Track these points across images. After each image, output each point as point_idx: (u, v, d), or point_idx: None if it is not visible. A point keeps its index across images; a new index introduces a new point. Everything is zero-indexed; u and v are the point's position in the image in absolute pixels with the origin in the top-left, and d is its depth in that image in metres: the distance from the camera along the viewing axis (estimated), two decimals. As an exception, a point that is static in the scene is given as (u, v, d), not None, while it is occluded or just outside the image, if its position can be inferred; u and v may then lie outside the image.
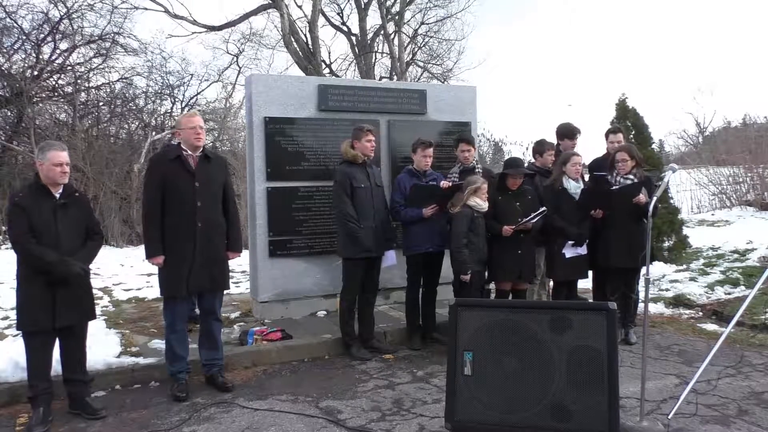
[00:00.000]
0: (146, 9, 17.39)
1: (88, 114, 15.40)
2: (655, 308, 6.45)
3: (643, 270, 3.86)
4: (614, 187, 5.23)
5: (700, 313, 6.36)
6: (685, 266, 8.16)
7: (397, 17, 20.11)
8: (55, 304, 3.75)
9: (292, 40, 17.66)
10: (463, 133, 5.90)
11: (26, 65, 14.50)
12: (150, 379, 4.58)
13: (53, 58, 15.04)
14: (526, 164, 5.87)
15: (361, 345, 5.20)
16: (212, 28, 19.52)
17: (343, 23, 21.30)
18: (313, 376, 4.71)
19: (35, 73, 14.41)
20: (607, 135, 6.01)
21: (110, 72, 15.85)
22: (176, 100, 17.77)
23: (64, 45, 15.09)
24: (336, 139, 5.97)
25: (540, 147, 5.98)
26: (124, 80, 16.09)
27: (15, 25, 14.10)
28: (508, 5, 54.20)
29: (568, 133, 6.09)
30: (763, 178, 13.67)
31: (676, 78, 68.37)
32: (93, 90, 15.76)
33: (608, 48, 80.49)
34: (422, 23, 21.85)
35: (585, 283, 5.80)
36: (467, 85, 15.21)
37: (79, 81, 15.16)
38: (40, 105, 14.70)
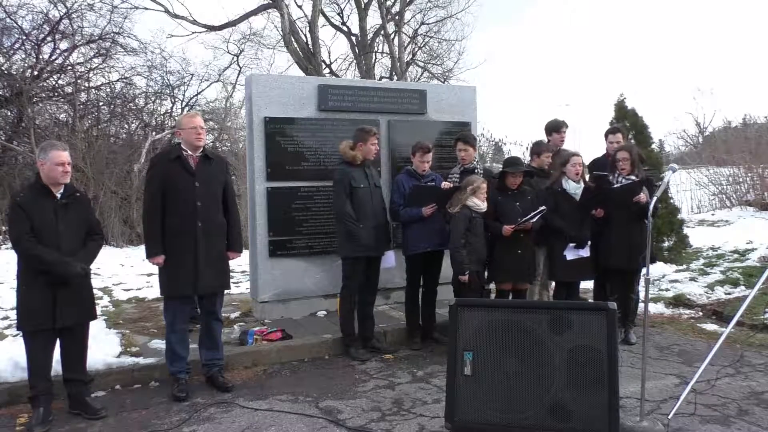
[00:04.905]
0: (146, 9, 17.40)
1: (88, 114, 15.36)
2: (655, 308, 6.45)
3: (643, 270, 3.86)
4: (615, 186, 5.24)
5: (700, 313, 6.35)
6: (685, 266, 8.15)
7: (397, 17, 20.11)
8: (56, 304, 3.76)
9: (292, 40, 17.66)
10: (461, 133, 5.91)
11: (26, 65, 14.49)
12: (150, 379, 4.58)
13: (53, 58, 15.03)
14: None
15: (361, 345, 5.21)
16: (212, 28, 19.52)
17: (343, 23, 21.32)
18: (313, 376, 4.71)
19: (35, 73, 14.40)
20: (606, 135, 6.02)
21: (110, 72, 15.84)
22: (176, 100, 17.77)
23: (64, 45, 15.09)
24: (336, 139, 5.97)
25: (537, 148, 5.99)
26: (124, 80, 16.08)
27: (15, 25, 14.10)
28: (508, 5, 54.26)
29: (554, 127, 6.20)
30: (763, 178, 13.66)
31: (676, 78, 68.40)
32: (93, 90, 15.74)
33: (608, 48, 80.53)
34: (422, 23, 21.88)
35: (585, 283, 5.80)
36: (467, 85, 15.21)
37: (79, 81, 15.13)
38: (40, 105, 14.69)
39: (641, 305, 5.31)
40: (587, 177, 5.63)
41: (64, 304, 3.78)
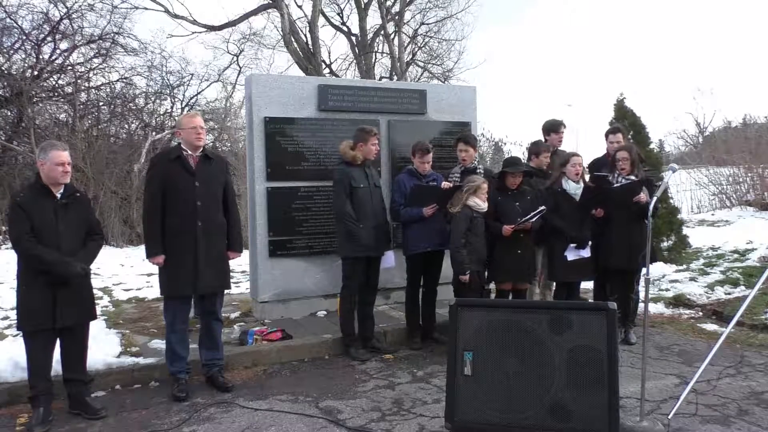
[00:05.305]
0: (146, 9, 17.40)
1: (88, 114, 15.36)
2: (655, 308, 6.44)
3: (643, 270, 3.86)
4: (615, 186, 5.24)
5: (700, 313, 6.35)
6: (685, 266, 8.15)
7: (397, 17, 20.11)
8: (56, 305, 3.76)
9: (292, 40, 17.66)
10: (462, 133, 5.91)
11: (26, 65, 14.48)
12: (150, 379, 4.58)
13: (53, 58, 15.02)
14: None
15: (361, 345, 5.21)
16: (212, 28, 19.52)
17: (343, 23, 21.32)
18: (313, 376, 4.71)
19: (35, 73, 14.38)
20: (606, 135, 6.02)
21: (110, 72, 15.85)
22: (176, 100, 17.77)
23: (64, 45, 15.08)
24: (336, 139, 5.96)
25: (536, 148, 5.99)
26: (124, 80, 16.09)
27: (15, 25, 14.10)
28: (508, 5, 54.34)
29: (552, 127, 6.21)
30: (763, 178, 13.66)
31: (677, 78, 68.48)
32: (93, 90, 15.74)
33: (608, 48, 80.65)
34: (422, 23, 21.89)
35: (585, 283, 5.79)
36: (467, 85, 15.22)
37: (79, 81, 15.13)
38: (40, 105, 14.68)
39: (641, 305, 5.31)
40: (587, 177, 5.63)
41: (64, 304, 3.78)
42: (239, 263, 8.67)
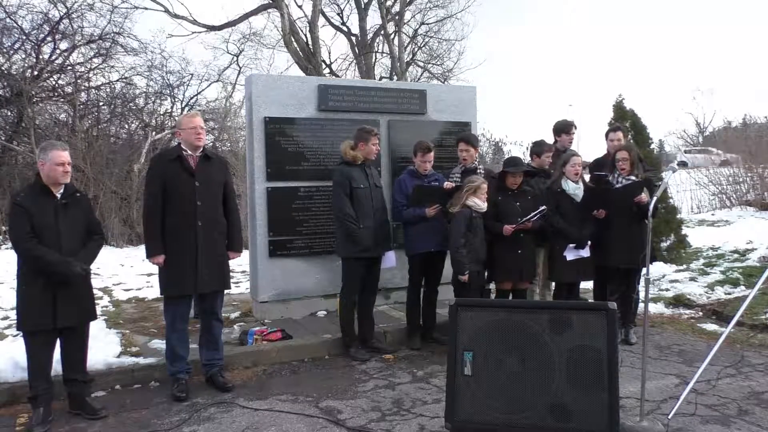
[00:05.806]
0: (146, 9, 17.42)
1: (88, 114, 15.38)
2: (655, 308, 6.44)
3: (644, 270, 3.86)
4: (617, 186, 5.23)
5: (700, 313, 6.35)
6: (685, 266, 8.15)
7: (397, 17, 20.12)
8: (56, 305, 3.75)
9: (292, 40, 17.67)
10: (464, 133, 5.91)
11: (26, 65, 14.49)
12: (150, 379, 4.58)
13: (53, 58, 15.04)
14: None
15: (361, 345, 5.20)
16: (212, 28, 19.55)
17: (343, 23, 21.36)
18: (313, 376, 4.71)
19: (35, 73, 14.39)
20: (607, 134, 6.02)
21: (110, 72, 15.87)
22: (176, 100, 17.80)
23: (64, 45, 15.11)
24: (336, 139, 5.97)
25: (538, 148, 5.98)
26: (124, 80, 16.10)
27: (15, 25, 14.11)
28: (508, 5, 54.36)
29: (563, 128, 6.23)
30: (763, 178, 13.66)
31: (677, 78, 68.52)
32: (93, 90, 15.76)
33: (608, 48, 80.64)
34: (422, 23, 21.92)
35: (585, 283, 5.79)
36: (467, 85, 15.22)
37: (79, 81, 15.15)
38: (40, 105, 14.69)
39: (641, 305, 5.31)
40: (587, 177, 5.62)
41: (64, 304, 3.78)
42: (239, 263, 8.67)
